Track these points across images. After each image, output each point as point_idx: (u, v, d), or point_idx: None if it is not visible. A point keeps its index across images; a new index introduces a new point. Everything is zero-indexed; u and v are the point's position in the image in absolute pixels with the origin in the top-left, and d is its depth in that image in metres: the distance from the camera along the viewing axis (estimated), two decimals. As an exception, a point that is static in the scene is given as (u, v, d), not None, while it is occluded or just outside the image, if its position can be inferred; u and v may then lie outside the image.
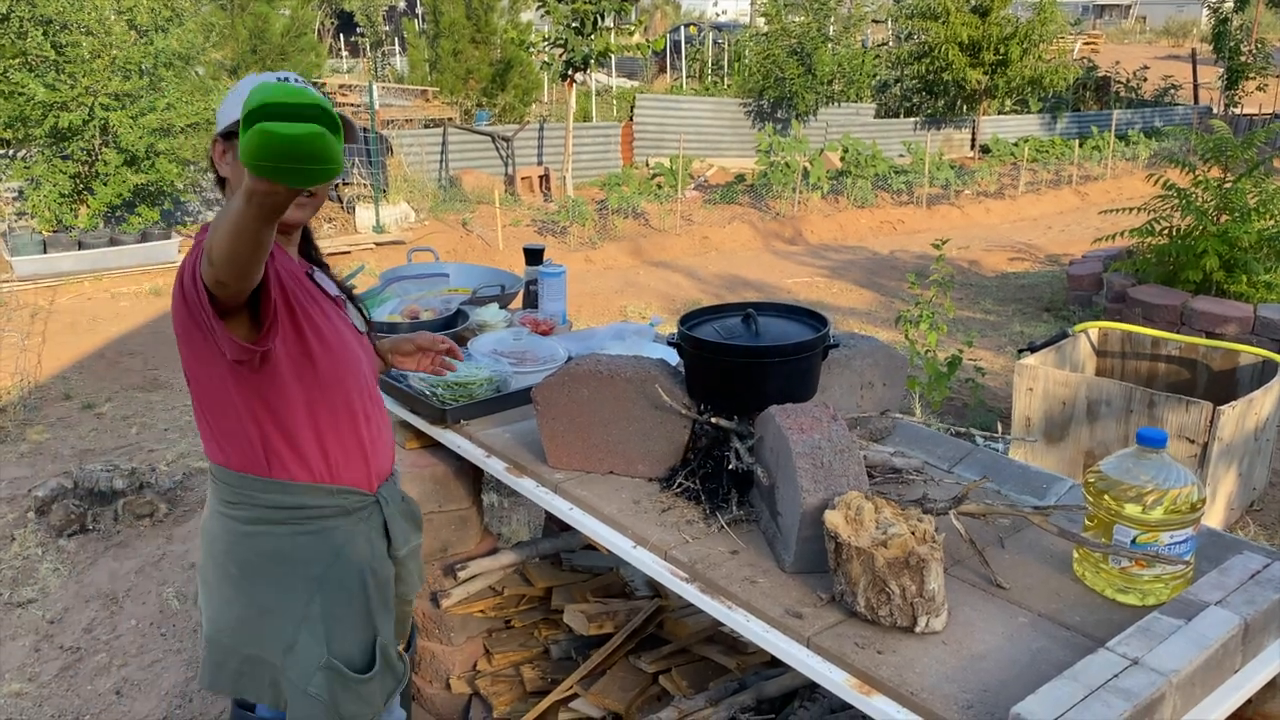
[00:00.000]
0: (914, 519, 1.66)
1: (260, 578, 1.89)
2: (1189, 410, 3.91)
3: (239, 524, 1.88)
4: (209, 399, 1.83)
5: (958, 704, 1.46)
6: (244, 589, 1.89)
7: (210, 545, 1.93)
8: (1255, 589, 1.61)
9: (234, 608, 1.90)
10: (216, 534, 1.92)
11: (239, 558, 1.89)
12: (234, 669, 1.90)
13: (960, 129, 18.93)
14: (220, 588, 1.91)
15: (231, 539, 1.89)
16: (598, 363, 2.19)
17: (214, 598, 1.93)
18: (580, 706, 2.49)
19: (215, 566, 1.92)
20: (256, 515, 1.88)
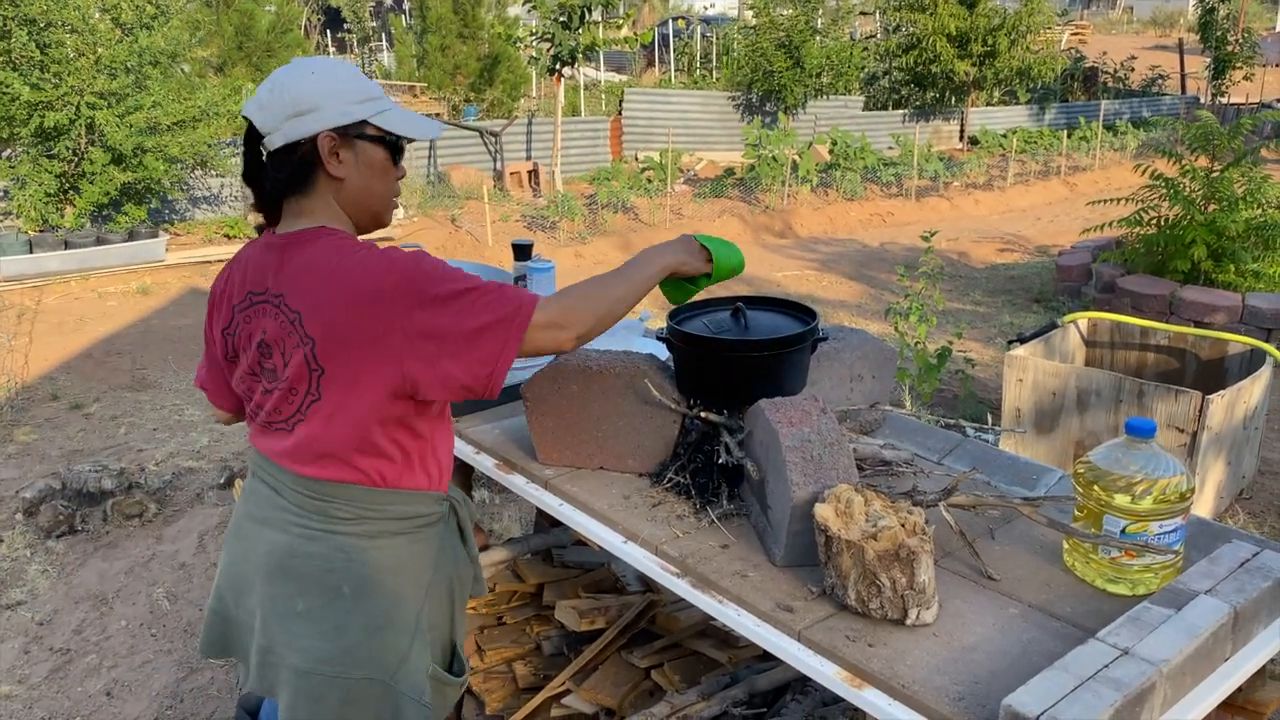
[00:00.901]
0: (904, 511, 1.66)
1: (377, 593, 1.79)
2: (1178, 400, 3.92)
3: (357, 539, 1.78)
4: (358, 428, 1.73)
5: (949, 696, 1.46)
6: (360, 608, 1.78)
7: (305, 565, 1.77)
8: (1245, 577, 1.61)
9: (347, 632, 1.77)
10: (320, 555, 1.77)
11: (355, 576, 1.78)
12: (337, 700, 1.76)
13: (949, 121, 18.96)
14: (326, 614, 1.77)
15: (345, 557, 1.78)
16: (587, 358, 2.18)
17: (313, 627, 1.76)
18: (573, 702, 2.49)
19: (318, 591, 1.77)
20: (379, 529, 1.80)
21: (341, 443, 1.73)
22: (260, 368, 1.76)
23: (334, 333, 1.66)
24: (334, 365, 1.67)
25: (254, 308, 1.75)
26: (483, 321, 1.64)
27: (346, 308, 1.65)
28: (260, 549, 1.81)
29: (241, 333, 1.78)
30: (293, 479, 1.78)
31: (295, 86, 1.71)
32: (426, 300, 1.64)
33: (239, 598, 1.85)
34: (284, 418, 1.75)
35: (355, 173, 1.75)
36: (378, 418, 1.72)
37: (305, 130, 1.70)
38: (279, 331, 1.71)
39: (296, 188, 1.74)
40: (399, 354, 1.65)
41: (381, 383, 1.68)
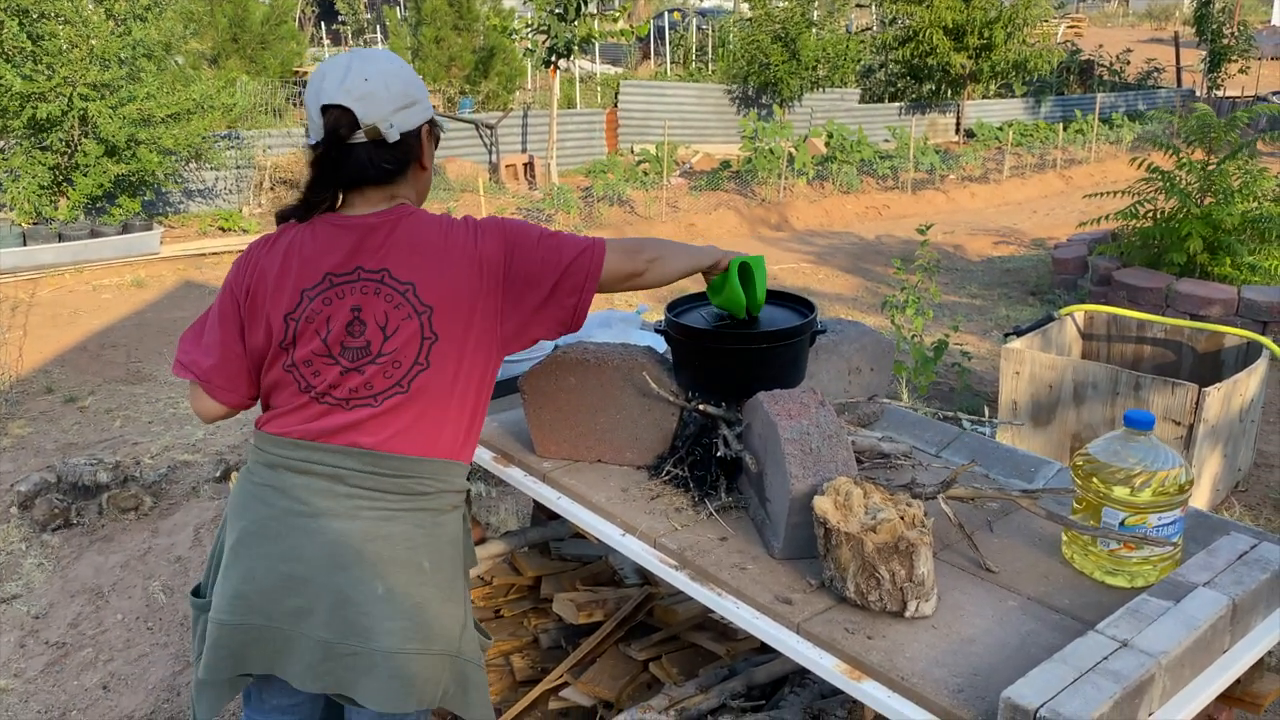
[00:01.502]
0: (903, 504, 1.66)
1: (446, 566, 1.86)
2: (1174, 392, 3.93)
3: (434, 514, 1.84)
4: (455, 391, 1.82)
5: (948, 688, 1.46)
6: (436, 581, 1.83)
7: (387, 547, 1.79)
8: (1243, 569, 1.61)
9: (427, 607, 1.81)
10: (402, 534, 1.80)
11: (432, 550, 1.83)
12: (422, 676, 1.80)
13: (945, 114, 18.96)
14: (409, 592, 1.79)
15: (424, 533, 1.83)
16: (585, 351, 2.18)
17: (396, 607, 1.77)
18: (571, 695, 2.49)
19: (401, 570, 1.79)
20: (449, 502, 1.87)
21: (439, 411, 1.81)
22: (342, 347, 1.77)
23: (450, 300, 1.77)
24: (450, 331, 1.78)
25: (339, 287, 1.78)
26: (569, 257, 1.85)
27: (461, 275, 1.78)
28: (320, 542, 1.78)
29: (319, 315, 1.77)
30: (371, 460, 1.79)
31: (400, 78, 1.79)
32: (523, 252, 1.83)
33: (276, 603, 1.79)
34: (376, 392, 1.78)
35: (430, 165, 1.90)
36: (476, 381, 1.84)
37: (414, 121, 1.81)
38: (382, 306, 1.76)
39: (395, 176, 1.82)
40: (506, 307, 1.83)
41: (489, 340, 1.83)
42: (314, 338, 1.78)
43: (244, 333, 1.85)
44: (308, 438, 1.81)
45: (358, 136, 1.76)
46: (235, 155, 11.17)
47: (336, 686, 1.80)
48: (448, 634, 1.83)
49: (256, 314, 1.83)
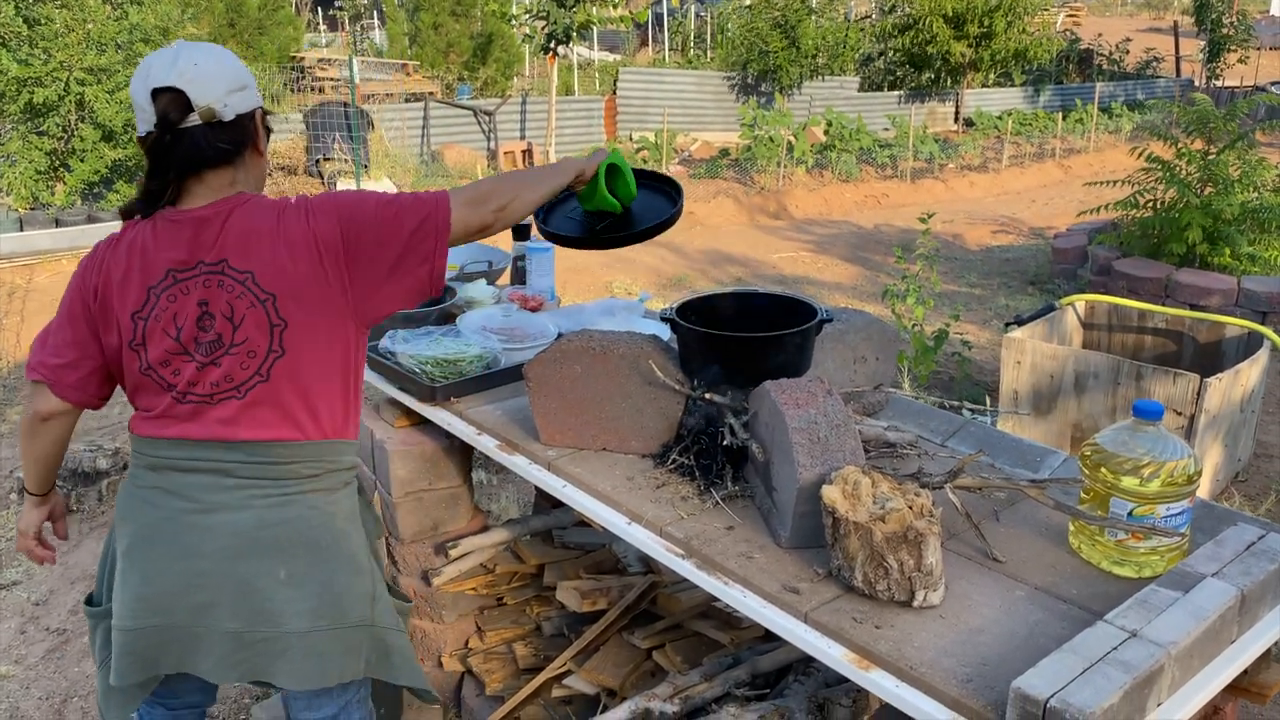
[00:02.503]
0: (911, 493, 1.66)
1: (345, 541, 1.90)
2: (1176, 382, 3.93)
3: (324, 494, 1.88)
4: (318, 372, 1.83)
5: (956, 678, 1.46)
6: (337, 558, 1.88)
7: (285, 531, 1.83)
8: (1251, 560, 1.61)
9: (333, 583, 1.86)
10: (297, 517, 1.84)
11: (329, 529, 1.88)
12: (339, 651, 1.86)
13: (944, 102, 18.92)
14: (311, 572, 1.84)
15: (318, 513, 1.87)
16: (590, 339, 2.17)
17: (302, 590, 1.83)
18: (574, 683, 2.49)
19: (301, 553, 1.84)
20: (337, 480, 1.90)
21: (306, 395, 1.82)
22: (196, 343, 1.78)
23: (294, 284, 1.77)
24: (297, 316, 1.78)
25: (184, 283, 1.77)
26: (413, 223, 1.82)
27: (299, 258, 1.77)
28: (216, 536, 1.80)
29: (167, 312, 1.77)
30: (251, 450, 1.81)
31: (228, 63, 1.81)
32: (360, 226, 1.81)
33: (179, 601, 1.81)
34: (237, 384, 1.78)
35: (265, 149, 1.92)
36: (338, 361, 1.85)
37: (248, 104, 1.83)
38: (226, 297, 1.76)
39: (230, 159, 1.81)
40: (354, 284, 1.81)
41: (342, 320, 1.83)
42: (165, 337, 1.78)
43: (99, 334, 1.84)
44: (185, 437, 1.81)
45: (191, 119, 1.75)
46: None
47: (252, 674, 1.83)
48: (358, 607, 1.88)
49: (108, 315, 1.82)
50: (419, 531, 2.74)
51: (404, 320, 2.88)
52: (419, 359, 2.51)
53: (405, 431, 2.71)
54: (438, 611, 2.80)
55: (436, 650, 2.85)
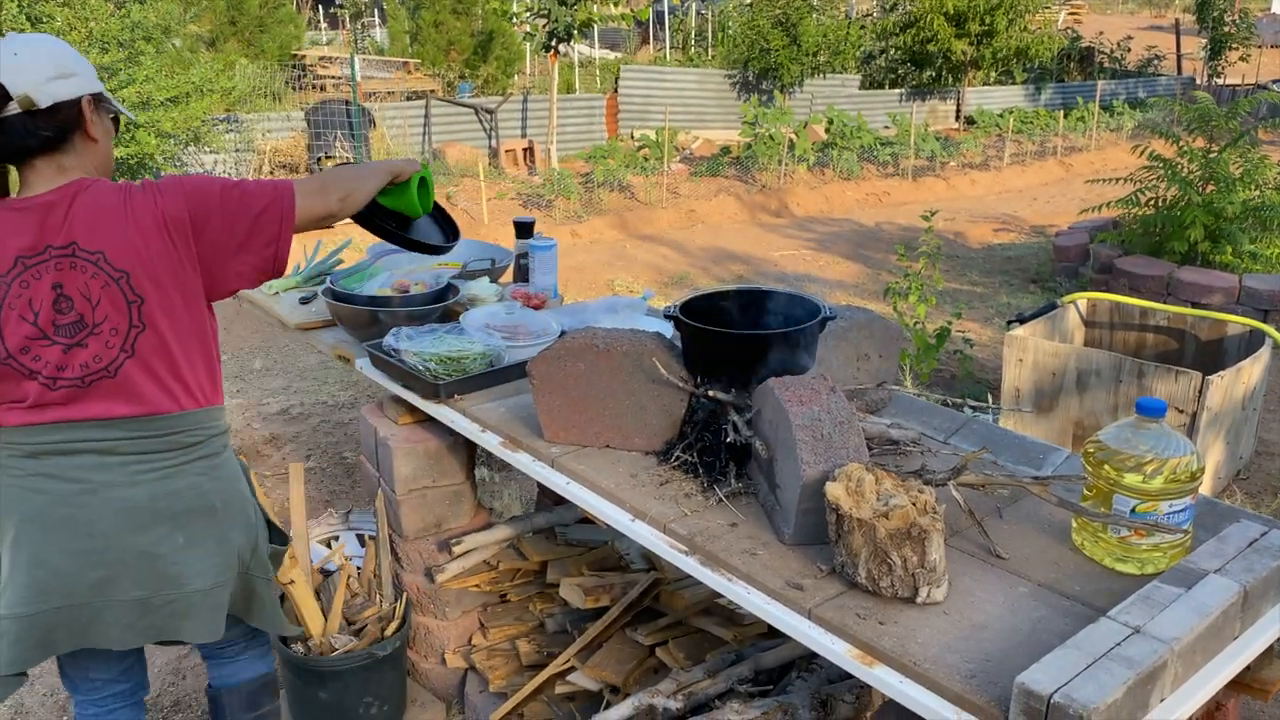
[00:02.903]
0: (914, 490, 1.66)
1: (233, 502, 2.05)
2: (1178, 380, 3.93)
3: (209, 460, 2.00)
4: (180, 344, 1.92)
5: (960, 674, 1.46)
6: (229, 518, 2.03)
7: (178, 501, 1.95)
8: (1254, 557, 1.62)
9: (227, 541, 2.02)
10: (188, 486, 1.96)
11: (219, 492, 2.02)
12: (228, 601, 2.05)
13: (945, 100, 18.91)
14: (208, 534, 1.99)
15: (208, 478, 2.00)
16: (594, 336, 2.18)
17: (201, 550, 1.97)
18: (577, 679, 2.49)
19: (196, 518, 1.97)
20: (218, 444, 2.04)
21: (174, 367, 1.91)
22: (55, 326, 1.82)
23: (143, 261, 1.83)
24: (151, 291, 1.85)
25: (34, 268, 1.80)
26: (259, 206, 1.92)
27: (149, 236, 1.83)
28: (110, 513, 1.89)
29: (21, 298, 1.80)
30: (132, 426, 1.89)
31: (51, 52, 1.85)
32: (208, 206, 1.89)
33: (77, 581, 1.88)
34: (106, 363, 1.85)
35: (103, 136, 1.94)
36: (198, 332, 1.95)
37: (71, 92, 1.85)
38: (81, 278, 1.81)
39: (56, 145, 1.84)
40: (202, 261, 1.90)
41: (195, 294, 1.92)
42: (22, 323, 1.80)
43: None
44: (64, 420, 1.86)
45: (11, 108, 1.79)
46: (234, 139, 11.13)
47: (159, 635, 1.98)
48: (242, 559, 2.07)
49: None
50: (422, 528, 2.74)
51: (407, 318, 2.89)
52: (423, 356, 2.52)
53: (408, 429, 2.71)
54: (441, 608, 2.81)
55: (440, 647, 2.86)
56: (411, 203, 2.34)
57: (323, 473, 4.32)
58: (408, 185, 2.32)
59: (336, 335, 3.10)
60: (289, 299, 3.41)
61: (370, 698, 2.66)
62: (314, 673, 2.61)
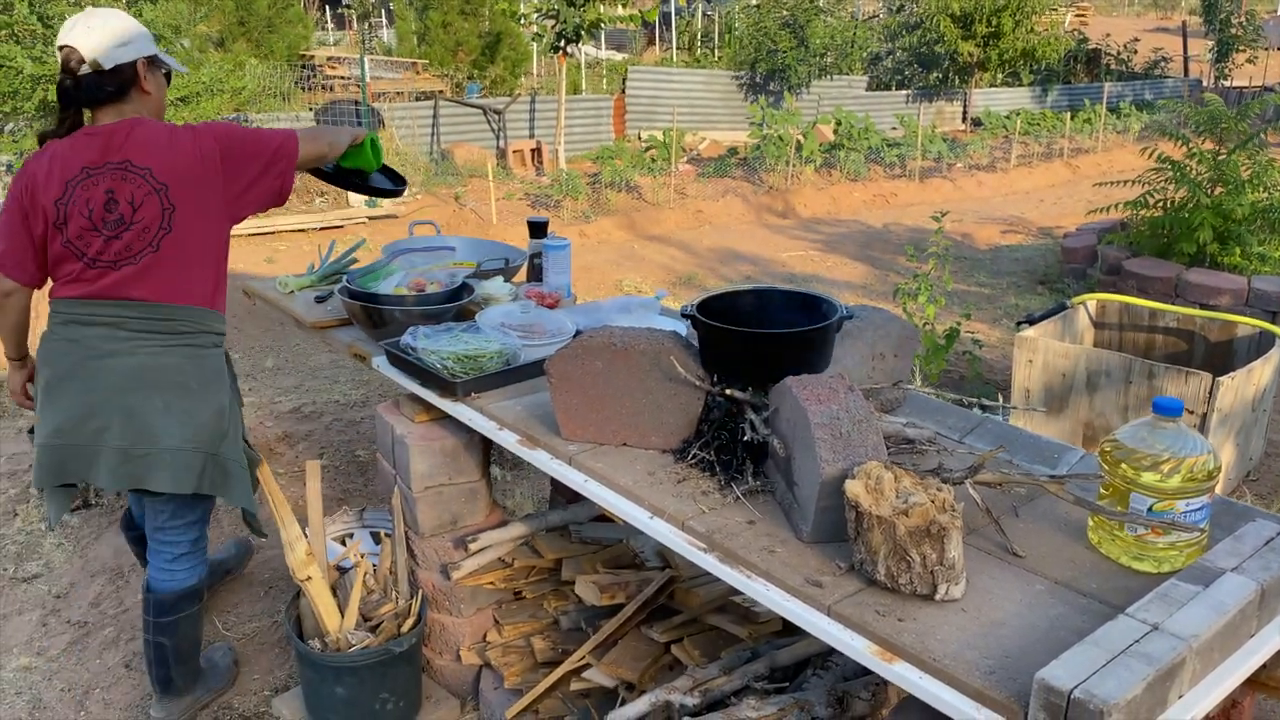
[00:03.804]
0: (933, 488, 1.68)
1: (211, 388, 2.52)
2: (1188, 381, 3.94)
3: (197, 349, 2.50)
4: (196, 250, 2.45)
5: (979, 670, 1.48)
6: (204, 399, 2.49)
7: (164, 375, 2.44)
8: (1270, 556, 1.63)
9: (197, 415, 2.47)
10: (173, 364, 2.46)
11: (198, 375, 2.49)
12: (197, 469, 2.47)
13: (952, 102, 18.90)
14: (182, 405, 2.45)
15: (191, 363, 2.48)
16: (611, 335, 2.19)
17: (174, 418, 2.43)
18: (593, 676, 2.51)
19: (175, 391, 2.44)
20: (208, 340, 2.53)
21: (185, 267, 2.44)
22: (104, 220, 2.37)
23: (181, 178, 2.40)
24: (183, 203, 2.40)
25: (94, 176, 2.37)
26: (274, 146, 2.53)
27: (190, 160, 2.42)
28: (113, 376, 2.41)
29: (79, 198, 2.37)
30: (142, 308, 2.42)
31: (113, 23, 2.43)
32: (233, 144, 2.48)
33: (82, 425, 2.40)
34: (134, 253, 2.39)
35: (155, 90, 2.54)
36: (213, 244, 2.50)
37: (129, 56, 2.44)
38: (128, 186, 2.37)
39: (118, 97, 2.45)
40: (225, 186, 2.46)
41: (217, 213, 2.48)
42: (80, 217, 2.37)
43: (29, 225, 2.41)
44: (90, 296, 2.41)
45: (84, 69, 2.40)
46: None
47: (134, 482, 2.44)
48: (211, 438, 2.49)
49: (35, 207, 2.39)
50: (438, 526, 2.76)
51: (423, 317, 2.91)
52: (440, 355, 2.54)
53: (425, 426, 2.73)
54: (456, 605, 2.82)
55: (455, 644, 2.87)
56: (367, 158, 2.93)
57: (336, 471, 4.34)
58: (362, 146, 2.90)
59: (352, 334, 3.12)
60: (304, 298, 3.43)
61: (386, 694, 2.68)
62: (330, 669, 2.63)
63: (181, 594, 2.72)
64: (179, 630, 2.75)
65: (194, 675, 2.87)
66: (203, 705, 2.90)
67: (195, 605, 2.77)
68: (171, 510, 2.64)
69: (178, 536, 2.69)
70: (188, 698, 2.85)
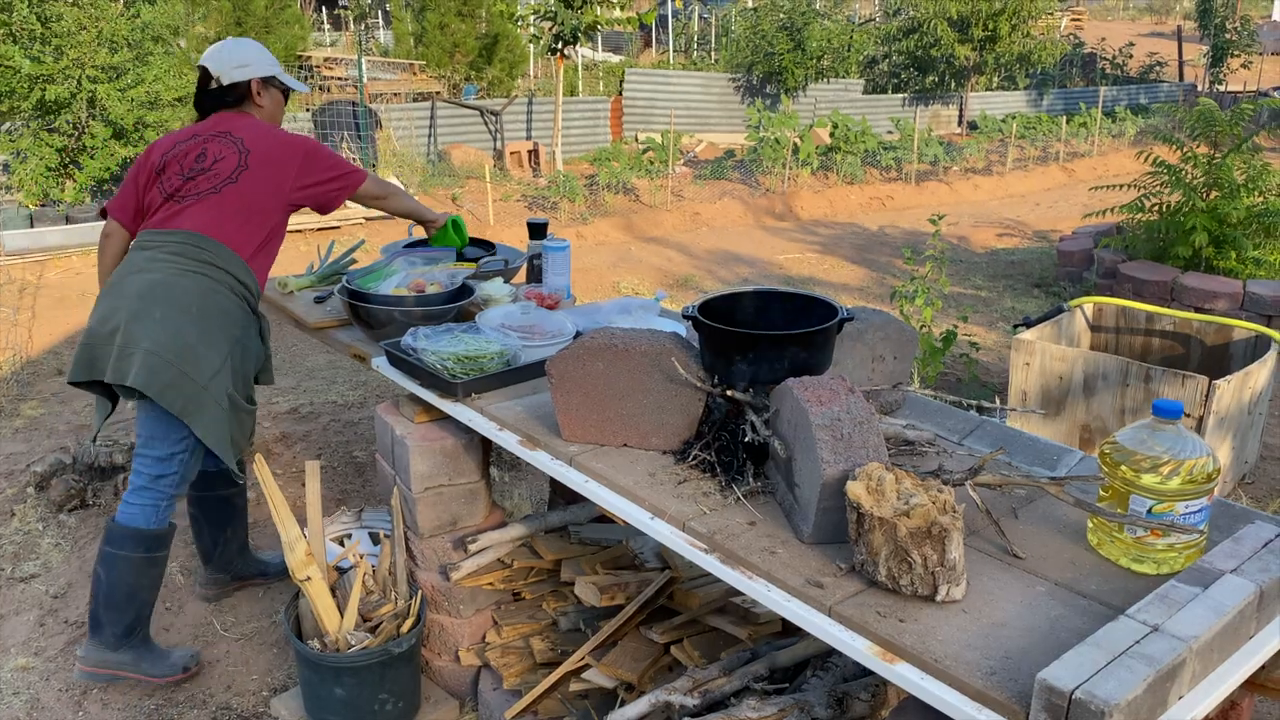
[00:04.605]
0: (934, 489, 1.69)
1: (209, 321, 2.75)
2: (1185, 384, 3.95)
3: (210, 280, 2.78)
4: (253, 207, 2.85)
5: (980, 670, 1.48)
6: (197, 325, 2.73)
7: (170, 291, 2.72)
8: (1269, 557, 1.64)
9: (182, 336, 2.70)
10: (182, 286, 2.74)
11: (200, 304, 2.74)
12: (167, 380, 2.67)
13: (948, 105, 18.94)
14: (172, 321, 2.70)
15: (199, 290, 2.75)
16: (612, 336, 2.20)
17: (162, 328, 2.68)
18: (593, 676, 2.51)
19: (173, 307, 2.71)
20: (225, 283, 2.80)
21: (236, 214, 2.82)
22: (192, 165, 2.86)
23: (265, 153, 2.89)
24: (256, 167, 2.85)
25: (197, 139, 2.91)
26: (345, 170, 3.02)
27: (281, 144, 2.93)
28: (134, 286, 2.72)
29: (182, 151, 2.89)
30: (184, 235, 2.79)
31: (238, 50, 3.03)
32: (323, 153, 3.00)
33: (105, 326, 2.71)
34: (200, 191, 2.82)
35: (269, 103, 3.09)
36: (269, 211, 2.88)
37: (243, 76, 3.01)
38: (221, 145, 2.88)
39: (235, 105, 3.03)
40: (298, 176, 2.91)
41: (281, 190, 2.90)
42: (175, 164, 2.88)
43: (138, 177, 2.95)
44: (153, 227, 2.85)
45: (213, 84, 3.01)
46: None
47: (119, 377, 2.67)
48: (197, 367, 2.71)
49: (146, 162, 2.94)
50: (438, 526, 2.77)
51: (424, 317, 2.91)
52: (440, 355, 2.54)
53: (425, 427, 2.74)
54: (455, 606, 2.83)
55: (454, 644, 2.88)
56: (452, 239, 3.42)
57: (334, 471, 4.34)
58: (445, 229, 3.39)
59: (352, 334, 3.12)
60: (304, 298, 3.44)
61: (385, 694, 2.68)
62: (330, 669, 2.63)
63: (126, 531, 2.82)
64: (115, 568, 2.82)
65: (123, 630, 2.88)
66: (124, 678, 2.91)
67: (136, 550, 2.82)
68: (147, 434, 2.81)
69: (142, 466, 2.83)
70: (111, 655, 2.87)
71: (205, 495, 3.24)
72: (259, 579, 3.49)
